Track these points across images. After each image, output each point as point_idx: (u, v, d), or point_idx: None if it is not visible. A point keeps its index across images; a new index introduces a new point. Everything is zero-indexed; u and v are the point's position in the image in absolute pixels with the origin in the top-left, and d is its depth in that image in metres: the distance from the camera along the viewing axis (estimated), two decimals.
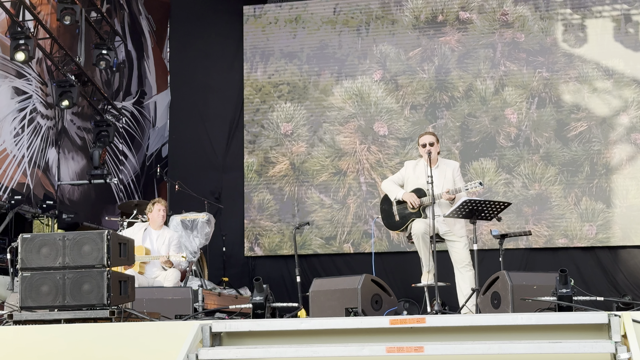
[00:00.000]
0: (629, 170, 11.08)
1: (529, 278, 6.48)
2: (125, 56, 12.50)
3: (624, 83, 11.23)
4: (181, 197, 11.08)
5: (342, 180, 11.89)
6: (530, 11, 11.61)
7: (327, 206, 11.89)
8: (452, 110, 11.68)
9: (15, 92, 9.91)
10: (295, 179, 12.05)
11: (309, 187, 11.98)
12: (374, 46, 12.05)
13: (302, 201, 11.97)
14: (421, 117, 11.75)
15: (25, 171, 9.99)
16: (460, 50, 11.78)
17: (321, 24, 12.29)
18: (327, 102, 12.09)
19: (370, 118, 11.91)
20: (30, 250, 5.83)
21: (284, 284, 11.49)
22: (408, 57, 11.93)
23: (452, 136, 11.57)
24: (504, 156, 11.45)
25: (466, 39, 11.78)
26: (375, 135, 11.85)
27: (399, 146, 11.76)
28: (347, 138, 11.96)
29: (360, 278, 6.83)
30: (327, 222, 11.84)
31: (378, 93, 11.92)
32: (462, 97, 11.67)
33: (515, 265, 10.80)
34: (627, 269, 10.94)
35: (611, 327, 4.86)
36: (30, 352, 5.48)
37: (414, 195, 7.40)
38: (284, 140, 12.14)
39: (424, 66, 11.85)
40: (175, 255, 8.36)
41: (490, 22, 11.74)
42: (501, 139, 11.49)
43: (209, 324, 5.37)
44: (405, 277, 10.24)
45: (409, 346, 5.04)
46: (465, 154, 11.47)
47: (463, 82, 11.69)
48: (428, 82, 11.81)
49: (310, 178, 11.99)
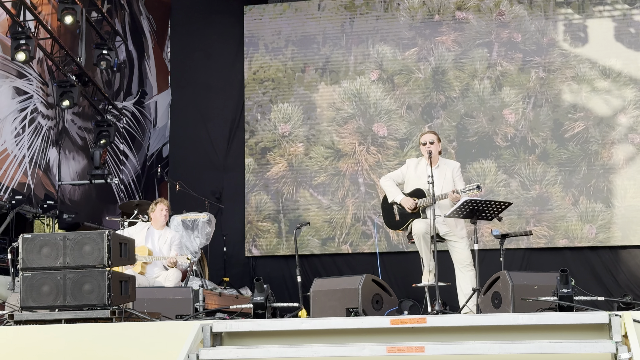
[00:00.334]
0: (627, 171, 11.08)
1: (529, 278, 6.48)
2: (125, 56, 12.50)
3: (623, 83, 11.23)
4: (182, 197, 11.08)
5: (341, 181, 11.89)
6: (527, 11, 11.61)
7: (325, 207, 11.89)
8: (448, 110, 11.68)
9: (16, 92, 9.91)
10: (294, 179, 12.05)
11: (307, 188, 11.98)
12: (371, 46, 12.05)
13: (301, 201, 11.97)
14: (417, 117, 11.76)
15: (26, 171, 9.99)
16: (457, 50, 11.78)
17: (322, 24, 12.29)
18: (325, 103, 12.08)
19: (370, 119, 11.91)
20: (31, 250, 5.83)
21: (284, 284, 11.50)
22: (404, 57, 11.92)
23: (447, 136, 11.56)
24: (500, 156, 11.45)
25: (462, 39, 11.78)
26: (374, 136, 11.86)
27: (397, 147, 11.76)
28: (345, 139, 11.96)
29: (360, 278, 6.83)
30: (326, 223, 11.84)
31: (377, 94, 11.92)
32: (458, 97, 11.69)
33: (516, 265, 10.80)
34: (627, 269, 10.95)
35: (612, 327, 4.86)
36: (30, 352, 5.48)
37: (410, 200, 7.38)
38: (281, 141, 12.15)
39: (419, 66, 11.85)
40: (181, 257, 8.39)
41: (487, 22, 11.75)
42: (498, 139, 11.49)
43: (210, 324, 5.37)
44: (405, 277, 10.25)
45: (410, 346, 5.04)
46: (461, 154, 11.46)
47: (459, 82, 11.70)
48: (424, 82, 11.81)
49: (308, 179, 11.98)
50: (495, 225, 9.81)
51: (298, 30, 12.37)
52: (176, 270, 8.47)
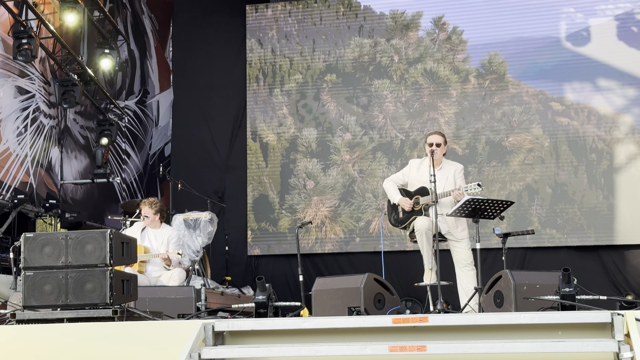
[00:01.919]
0: (631, 170, 11.06)
1: (531, 277, 6.47)
2: (128, 55, 12.51)
3: (627, 82, 11.21)
4: (184, 196, 11.09)
5: (345, 180, 11.89)
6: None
7: (328, 205, 11.88)
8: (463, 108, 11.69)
9: (18, 91, 9.91)
10: (296, 178, 12.04)
11: (310, 187, 11.97)
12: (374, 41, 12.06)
13: (303, 200, 11.97)
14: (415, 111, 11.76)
15: (28, 170, 9.99)
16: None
17: (325, 22, 12.29)
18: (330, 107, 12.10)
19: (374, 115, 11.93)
20: (33, 249, 5.83)
21: (286, 283, 11.50)
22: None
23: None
24: (504, 151, 11.45)
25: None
26: (380, 131, 11.86)
27: (397, 143, 11.77)
28: (348, 136, 11.96)
29: (362, 277, 6.83)
30: (329, 222, 11.84)
31: (382, 91, 11.93)
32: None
33: (518, 264, 10.79)
34: (630, 268, 10.94)
35: (614, 326, 4.86)
36: (32, 351, 5.48)
37: (407, 201, 7.41)
38: (284, 140, 12.14)
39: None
40: (172, 252, 8.33)
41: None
42: (502, 139, 11.49)
43: (212, 323, 5.37)
44: (407, 276, 10.25)
45: (412, 345, 5.03)
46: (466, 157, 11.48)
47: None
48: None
49: (311, 177, 11.98)
50: (497, 224, 9.81)
51: (300, 29, 12.36)
52: (180, 269, 8.46)
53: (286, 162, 12.15)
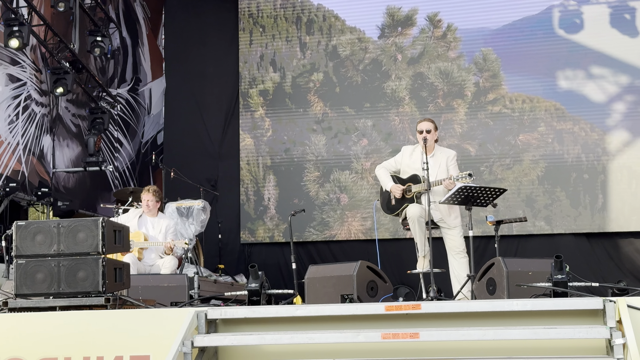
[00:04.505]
0: (624, 157, 11.07)
1: (524, 264, 6.50)
2: (119, 43, 12.46)
3: (620, 69, 11.20)
4: (177, 185, 11.06)
5: (337, 168, 11.88)
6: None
7: (320, 193, 11.87)
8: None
9: (10, 79, 9.87)
10: (289, 166, 12.02)
11: (303, 175, 11.96)
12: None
13: (296, 188, 11.96)
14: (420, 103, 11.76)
15: (20, 158, 9.96)
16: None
17: (319, 11, 12.26)
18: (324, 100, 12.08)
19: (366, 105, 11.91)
20: (25, 237, 5.83)
21: (279, 271, 11.50)
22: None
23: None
24: (498, 143, 11.46)
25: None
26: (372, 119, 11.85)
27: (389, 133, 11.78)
28: (340, 124, 11.95)
29: (355, 265, 6.84)
30: (321, 209, 11.83)
31: (375, 76, 11.92)
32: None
33: (511, 252, 10.81)
34: (622, 255, 10.97)
35: (606, 313, 4.88)
36: (25, 339, 5.48)
37: (398, 187, 7.40)
38: (279, 129, 12.12)
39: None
40: (179, 241, 8.40)
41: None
42: (496, 130, 11.50)
43: (205, 310, 5.38)
44: (400, 264, 10.25)
45: (405, 332, 5.05)
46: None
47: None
48: None
49: (304, 166, 11.96)
50: (489, 212, 9.81)
51: (294, 17, 12.31)
52: (172, 257, 8.47)
53: (279, 150, 12.11)
